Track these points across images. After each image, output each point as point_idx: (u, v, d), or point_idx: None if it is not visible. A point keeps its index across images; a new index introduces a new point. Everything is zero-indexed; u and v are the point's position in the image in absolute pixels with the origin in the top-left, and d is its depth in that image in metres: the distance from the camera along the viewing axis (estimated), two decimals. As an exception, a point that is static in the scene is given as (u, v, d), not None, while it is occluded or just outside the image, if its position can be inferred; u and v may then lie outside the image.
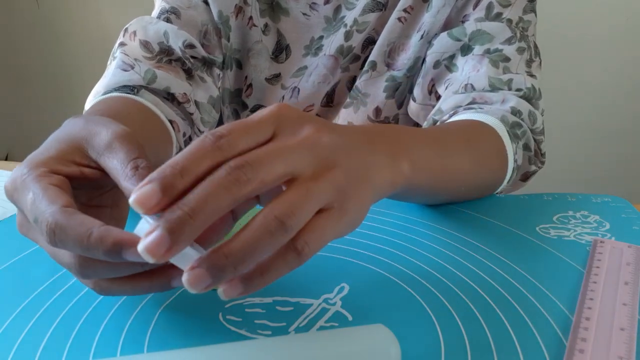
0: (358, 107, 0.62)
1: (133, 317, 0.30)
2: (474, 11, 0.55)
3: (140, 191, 0.22)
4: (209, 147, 0.24)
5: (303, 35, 0.61)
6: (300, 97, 0.63)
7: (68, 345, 0.28)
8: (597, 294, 0.32)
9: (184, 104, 0.54)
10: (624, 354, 0.26)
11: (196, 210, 0.22)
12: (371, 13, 0.58)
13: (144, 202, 0.22)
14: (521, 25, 0.56)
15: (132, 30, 0.55)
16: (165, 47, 0.54)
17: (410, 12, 0.57)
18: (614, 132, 1.64)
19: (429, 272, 0.35)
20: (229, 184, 0.23)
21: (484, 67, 0.53)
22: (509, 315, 0.31)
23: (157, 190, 0.22)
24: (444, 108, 0.52)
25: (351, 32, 0.59)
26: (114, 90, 0.51)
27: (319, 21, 0.61)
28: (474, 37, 0.54)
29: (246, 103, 0.64)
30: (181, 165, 0.23)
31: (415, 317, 0.30)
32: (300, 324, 0.30)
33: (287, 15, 0.60)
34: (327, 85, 0.62)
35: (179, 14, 0.56)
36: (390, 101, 0.61)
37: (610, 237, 0.40)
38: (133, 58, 0.53)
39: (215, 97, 0.58)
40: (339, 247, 0.38)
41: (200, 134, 0.59)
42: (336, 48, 0.60)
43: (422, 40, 0.57)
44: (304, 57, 0.62)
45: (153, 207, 0.22)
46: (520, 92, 0.52)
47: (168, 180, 0.23)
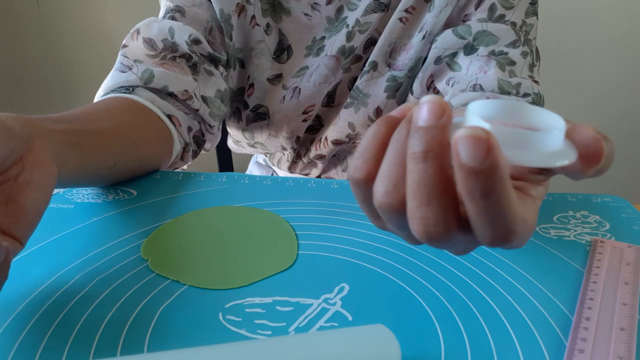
0: (359, 108, 0.62)
1: (133, 317, 0.30)
2: (476, 11, 0.56)
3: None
4: None
5: (305, 36, 0.61)
6: (301, 97, 0.63)
7: (68, 345, 0.28)
8: (597, 294, 0.32)
9: (186, 101, 0.54)
10: (624, 354, 0.26)
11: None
12: (373, 14, 0.58)
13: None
14: (524, 28, 0.56)
15: (135, 30, 0.55)
16: (170, 43, 0.54)
17: (412, 12, 0.58)
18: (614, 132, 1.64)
19: (429, 272, 0.35)
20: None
21: (492, 69, 0.53)
22: (509, 315, 0.31)
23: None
24: (453, 103, 0.52)
25: (353, 33, 0.59)
26: (111, 92, 0.52)
27: (321, 21, 0.61)
28: (478, 37, 0.54)
29: (247, 102, 0.64)
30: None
31: (415, 317, 0.30)
32: (300, 324, 0.30)
33: (289, 15, 0.60)
34: (328, 85, 0.62)
35: (184, 12, 0.56)
36: (391, 101, 0.61)
37: (610, 237, 0.40)
38: (132, 59, 0.53)
39: (223, 90, 0.58)
40: (339, 247, 0.38)
41: (210, 128, 0.59)
42: (338, 48, 0.60)
43: (424, 40, 0.57)
44: (306, 57, 0.62)
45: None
46: (528, 97, 0.52)
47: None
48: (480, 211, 0.19)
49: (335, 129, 0.65)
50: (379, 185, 0.22)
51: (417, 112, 0.20)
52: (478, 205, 0.19)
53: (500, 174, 0.18)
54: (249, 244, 0.38)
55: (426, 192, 0.20)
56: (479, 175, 0.18)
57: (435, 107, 0.20)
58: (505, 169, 0.18)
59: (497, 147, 0.18)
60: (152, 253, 0.37)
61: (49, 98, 1.93)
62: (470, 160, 0.18)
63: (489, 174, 0.18)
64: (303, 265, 0.36)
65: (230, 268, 0.35)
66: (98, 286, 0.33)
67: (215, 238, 0.39)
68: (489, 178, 0.18)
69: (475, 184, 0.18)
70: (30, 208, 0.30)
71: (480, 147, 0.17)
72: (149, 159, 0.50)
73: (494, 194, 0.18)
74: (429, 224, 0.21)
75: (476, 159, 0.18)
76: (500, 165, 0.18)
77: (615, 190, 1.66)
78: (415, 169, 0.20)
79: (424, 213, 0.20)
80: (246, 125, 0.67)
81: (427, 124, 0.20)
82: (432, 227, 0.21)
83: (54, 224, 0.41)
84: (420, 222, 0.21)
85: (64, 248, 0.37)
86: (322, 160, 0.70)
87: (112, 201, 0.45)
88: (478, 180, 0.18)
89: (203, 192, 0.47)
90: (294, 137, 0.67)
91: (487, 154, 0.17)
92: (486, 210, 0.19)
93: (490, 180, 0.18)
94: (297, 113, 0.64)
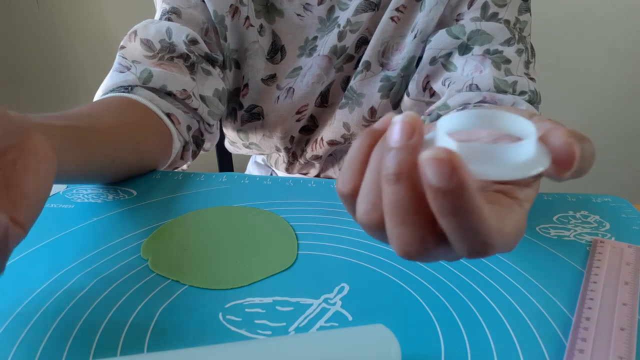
0: (353, 108, 0.62)
1: (133, 317, 0.30)
2: (469, 10, 0.55)
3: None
4: None
5: (297, 36, 0.61)
6: (295, 97, 0.63)
7: (68, 345, 0.28)
8: (597, 294, 0.32)
9: (185, 100, 0.54)
10: (624, 354, 0.26)
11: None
12: (364, 13, 0.58)
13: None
14: (518, 26, 0.56)
15: (132, 31, 0.55)
16: (167, 44, 0.54)
17: (404, 11, 0.57)
18: (614, 132, 1.64)
19: (429, 272, 0.35)
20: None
21: (488, 68, 0.53)
22: (509, 315, 0.31)
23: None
24: (450, 104, 0.52)
25: (344, 33, 0.59)
26: (110, 92, 0.52)
27: (313, 22, 0.61)
28: (473, 36, 0.54)
29: (242, 103, 0.64)
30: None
31: (415, 317, 0.30)
32: (300, 324, 0.30)
33: (282, 16, 0.60)
34: (321, 85, 0.62)
35: (180, 14, 0.56)
36: (385, 101, 0.61)
37: (610, 237, 0.40)
38: (131, 60, 0.53)
39: (221, 89, 0.58)
40: (339, 247, 0.38)
41: (209, 127, 0.59)
42: (330, 48, 0.60)
43: (416, 39, 0.57)
44: (299, 58, 0.62)
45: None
46: (525, 95, 0.52)
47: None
48: (452, 227, 0.19)
49: (331, 130, 0.65)
50: (359, 204, 0.22)
51: (389, 131, 0.20)
52: (450, 222, 0.19)
53: (467, 192, 0.18)
54: (249, 244, 0.38)
55: (400, 212, 0.20)
56: (446, 195, 0.18)
57: (405, 127, 0.20)
58: (472, 186, 0.18)
59: (461, 167, 0.18)
60: (152, 253, 0.37)
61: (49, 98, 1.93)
62: (436, 181, 0.18)
63: (456, 193, 0.18)
64: (303, 265, 0.36)
65: (230, 268, 0.35)
66: (98, 286, 0.33)
67: (215, 238, 0.39)
68: (457, 196, 0.18)
69: (443, 203, 0.19)
70: (30, 194, 0.29)
71: (444, 168, 0.18)
72: (148, 157, 0.50)
73: (463, 211, 0.19)
74: (405, 243, 0.21)
75: (442, 179, 0.18)
76: (466, 183, 0.18)
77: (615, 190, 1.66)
78: (389, 190, 0.20)
79: (400, 233, 0.21)
80: (241, 125, 0.67)
81: (397, 144, 0.20)
82: (409, 245, 0.21)
83: (54, 224, 0.41)
84: (398, 241, 0.21)
85: (64, 248, 0.37)
86: (318, 161, 0.70)
87: (112, 201, 0.45)
88: (446, 199, 0.18)
89: (203, 192, 0.47)
90: (287, 137, 0.67)
91: (451, 174, 0.18)
92: (458, 226, 0.19)
93: (459, 199, 0.18)
94: (290, 113, 0.64)
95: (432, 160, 0.18)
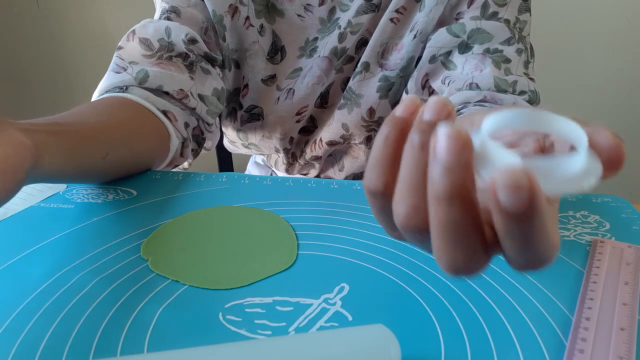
0: (352, 109, 0.62)
1: (133, 317, 0.30)
2: (469, 9, 0.55)
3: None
4: None
5: (298, 37, 0.61)
6: (295, 98, 0.63)
7: (68, 345, 0.28)
8: (597, 294, 0.32)
9: (182, 100, 0.54)
10: (624, 354, 0.26)
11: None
12: (364, 14, 0.58)
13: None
14: (518, 25, 0.56)
15: (131, 31, 0.55)
16: (166, 43, 0.54)
17: (403, 13, 0.58)
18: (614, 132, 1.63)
19: (429, 272, 0.35)
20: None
21: (488, 67, 0.53)
22: (509, 315, 0.31)
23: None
24: None
25: (345, 34, 0.59)
26: (106, 92, 0.52)
27: (314, 22, 0.61)
28: (473, 35, 0.54)
29: (242, 103, 0.64)
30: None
31: (415, 317, 0.30)
32: (300, 324, 0.30)
33: (282, 17, 0.60)
34: (321, 86, 0.62)
35: (179, 13, 0.56)
36: (384, 101, 0.61)
37: (610, 237, 0.40)
38: (128, 61, 0.53)
39: (220, 88, 0.58)
40: (339, 247, 0.38)
41: (209, 126, 0.59)
42: (330, 49, 0.60)
43: (415, 39, 0.57)
44: (299, 59, 0.62)
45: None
46: (525, 94, 0.52)
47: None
48: (517, 247, 0.18)
49: (329, 130, 0.65)
50: (399, 206, 0.20)
51: (434, 143, 0.18)
52: (516, 243, 0.18)
53: (540, 214, 0.17)
54: (249, 244, 0.38)
55: (453, 234, 0.19)
56: (520, 219, 0.17)
57: (455, 142, 0.18)
58: (544, 208, 0.17)
59: (539, 193, 0.17)
60: (152, 253, 0.37)
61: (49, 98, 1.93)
62: (512, 206, 0.17)
63: (529, 216, 0.17)
64: (303, 265, 0.36)
65: (230, 268, 0.35)
66: (98, 286, 0.33)
67: (215, 238, 0.39)
68: (529, 219, 0.17)
69: (514, 226, 0.17)
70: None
71: (522, 193, 0.16)
72: (144, 154, 0.50)
73: (533, 232, 0.18)
74: (457, 264, 0.20)
75: (519, 205, 0.17)
76: (541, 207, 0.17)
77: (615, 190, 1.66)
78: (439, 210, 0.19)
79: (452, 254, 0.19)
80: (240, 125, 0.67)
81: (448, 163, 0.18)
82: (461, 266, 0.20)
83: (54, 224, 0.41)
84: (448, 262, 0.20)
85: (64, 248, 0.37)
86: (318, 161, 0.70)
87: (112, 201, 0.45)
88: (519, 223, 0.17)
89: (203, 192, 0.47)
90: (287, 138, 0.67)
91: (530, 201, 0.16)
92: (524, 246, 0.18)
93: (530, 222, 0.17)
94: (290, 114, 0.64)
95: (511, 187, 0.16)
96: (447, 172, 0.18)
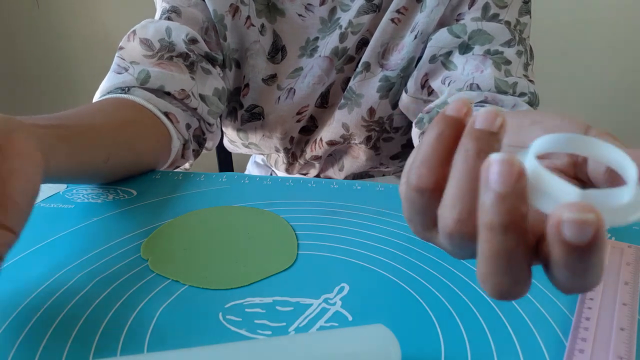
0: (352, 108, 0.62)
1: (133, 317, 0.30)
2: (470, 10, 0.56)
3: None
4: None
5: (299, 36, 0.61)
6: (296, 98, 0.63)
7: (68, 345, 0.28)
8: (597, 294, 0.32)
9: (183, 100, 0.54)
10: (624, 354, 0.26)
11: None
12: (365, 15, 0.58)
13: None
14: (518, 27, 0.56)
15: (132, 31, 0.55)
16: (166, 43, 0.54)
17: (404, 13, 0.58)
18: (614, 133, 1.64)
19: (429, 272, 0.35)
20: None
21: (489, 68, 0.53)
22: (509, 315, 0.31)
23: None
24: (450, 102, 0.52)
25: (346, 34, 0.59)
26: (107, 93, 0.52)
27: (315, 22, 0.61)
28: (474, 36, 0.54)
29: (242, 103, 0.64)
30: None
31: (415, 317, 0.30)
32: (300, 324, 0.30)
33: (283, 16, 0.60)
34: (321, 86, 0.63)
35: (180, 12, 0.56)
36: (384, 101, 0.61)
37: (610, 237, 0.40)
38: (129, 61, 0.53)
39: (221, 88, 0.58)
40: (339, 247, 0.38)
41: (210, 127, 0.59)
42: (331, 49, 0.60)
43: (416, 40, 0.57)
44: (300, 58, 0.62)
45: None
46: (525, 96, 0.52)
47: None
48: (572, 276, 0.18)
49: (330, 130, 0.65)
50: (450, 210, 0.20)
51: (486, 169, 0.18)
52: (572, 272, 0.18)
53: (602, 247, 0.17)
54: (249, 244, 0.38)
55: (504, 263, 0.19)
56: (584, 252, 0.17)
57: (508, 170, 0.17)
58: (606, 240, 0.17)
59: (604, 228, 0.16)
60: (152, 253, 0.37)
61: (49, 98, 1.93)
62: (578, 241, 0.17)
63: (593, 250, 0.17)
64: (303, 265, 0.36)
65: (230, 268, 0.35)
66: (98, 286, 0.33)
67: (215, 238, 0.39)
68: (593, 253, 0.17)
69: (577, 259, 0.17)
70: (18, 197, 0.29)
71: (589, 229, 0.16)
72: (146, 156, 0.50)
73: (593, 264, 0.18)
74: (503, 289, 0.19)
75: (585, 240, 0.16)
76: (604, 241, 0.17)
77: (615, 190, 1.65)
78: (492, 239, 0.18)
79: (500, 279, 0.19)
80: (241, 125, 0.67)
81: (503, 192, 0.18)
82: (507, 290, 0.19)
83: (54, 224, 0.41)
84: (494, 287, 0.19)
85: (64, 248, 0.37)
86: (318, 161, 0.70)
87: (112, 201, 0.45)
88: (582, 256, 0.17)
89: (203, 192, 0.47)
90: (287, 137, 0.67)
91: (595, 237, 0.16)
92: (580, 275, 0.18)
93: (593, 255, 0.17)
94: (291, 114, 0.64)
95: (578, 223, 0.16)
96: (501, 202, 0.18)
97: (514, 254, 0.18)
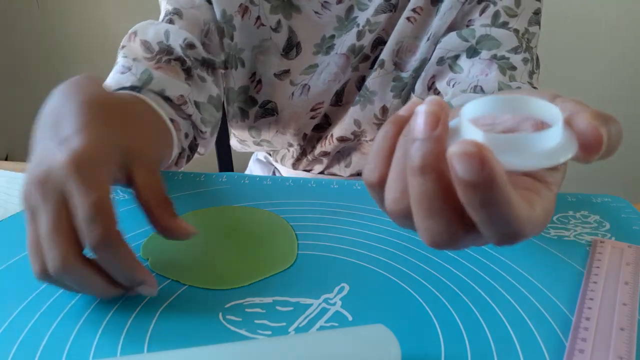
0: (365, 105, 0.63)
1: (133, 317, 0.30)
2: (480, 17, 0.56)
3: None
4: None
5: (314, 33, 0.62)
6: (310, 94, 0.64)
7: (68, 345, 0.28)
8: (597, 294, 0.32)
9: (181, 106, 0.54)
10: (624, 354, 0.26)
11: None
12: (383, 14, 0.59)
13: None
14: (527, 36, 0.57)
15: (132, 32, 0.55)
16: (165, 46, 0.54)
17: (420, 13, 0.58)
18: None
19: (429, 272, 0.35)
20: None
21: (494, 72, 0.54)
22: (509, 315, 0.31)
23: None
24: (454, 103, 0.53)
25: (363, 32, 0.60)
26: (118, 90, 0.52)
27: (331, 20, 0.61)
28: (481, 40, 0.55)
29: (255, 99, 0.65)
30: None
31: (415, 317, 0.30)
32: (300, 324, 0.30)
33: (299, 13, 0.61)
34: (337, 83, 0.63)
35: (182, 14, 0.56)
36: (397, 101, 0.62)
37: (610, 237, 0.40)
38: (132, 58, 0.53)
39: (216, 96, 0.58)
40: (339, 247, 0.38)
41: (202, 134, 0.59)
42: (348, 47, 0.61)
43: (429, 42, 0.58)
44: (315, 55, 0.63)
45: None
46: None
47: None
48: (483, 219, 0.19)
49: (342, 126, 0.66)
50: (387, 192, 0.22)
51: (412, 122, 0.20)
52: (480, 213, 0.19)
53: (497, 184, 0.18)
54: (249, 244, 0.38)
55: (427, 204, 0.20)
56: (477, 188, 0.18)
57: (429, 117, 0.20)
58: (501, 178, 0.18)
59: (491, 159, 0.18)
60: (152, 253, 0.37)
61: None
62: (466, 175, 0.18)
63: (486, 186, 0.18)
64: (303, 265, 0.36)
65: (230, 268, 0.35)
66: (98, 286, 0.33)
67: (215, 238, 0.39)
68: (487, 189, 0.18)
69: (473, 196, 0.19)
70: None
71: (474, 161, 0.18)
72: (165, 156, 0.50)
73: (493, 203, 0.19)
74: (434, 234, 0.21)
75: (471, 173, 0.18)
76: (496, 176, 0.18)
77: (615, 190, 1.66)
78: (414, 182, 0.20)
79: (429, 224, 0.21)
80: (254, 122, 0.67)
81: (422, 135, 0.20)
82: (438, 236, 0.21)
83: (54, 224, 0.41)
84: (426, 232, 0.21)
85: (64, 248, 0.37)
86: (326, 157, 0.70)
87: (112, 201, 0.45)
88: (476, 192, 0.18)
89: (203, 192, 0.47)
90: (301, 133, 0.68)
91: (481, 167, 0.18)
92: (488, 217, 0.19)
93: (489, 191, 0.18)
94: (305, 110, 0.65)
95: (461, 155, 0.18)
96: (420, 144, 0.20)
97: (434, 195, 0.20)
